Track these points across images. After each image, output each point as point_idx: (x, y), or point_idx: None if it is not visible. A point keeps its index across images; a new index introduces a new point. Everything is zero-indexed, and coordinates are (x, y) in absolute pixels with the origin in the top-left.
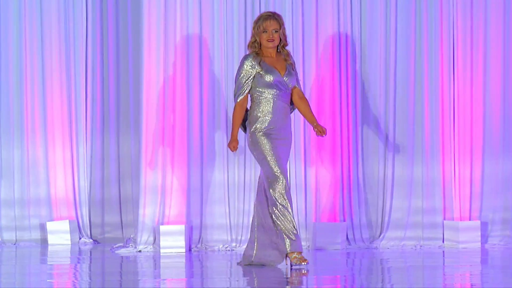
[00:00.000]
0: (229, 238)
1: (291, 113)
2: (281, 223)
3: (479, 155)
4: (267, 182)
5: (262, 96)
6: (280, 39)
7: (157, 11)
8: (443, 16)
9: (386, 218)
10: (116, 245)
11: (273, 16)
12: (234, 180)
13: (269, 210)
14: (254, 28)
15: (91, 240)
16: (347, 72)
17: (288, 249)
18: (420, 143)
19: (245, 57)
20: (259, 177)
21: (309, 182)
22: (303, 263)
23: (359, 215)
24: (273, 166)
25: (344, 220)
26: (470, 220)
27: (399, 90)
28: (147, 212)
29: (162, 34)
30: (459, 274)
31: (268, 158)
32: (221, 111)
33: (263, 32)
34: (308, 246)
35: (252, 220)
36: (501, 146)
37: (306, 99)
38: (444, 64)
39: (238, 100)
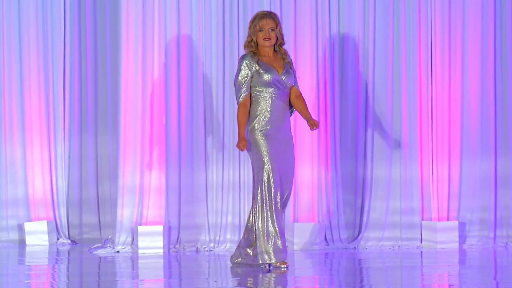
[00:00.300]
0: (208, 239)
1: (291, 115)
2: (263, 225)
3: (457, 155)
4: (259, 183)
5: (260, 95)
6: (277, 38)
7: (135, 12)
8: (421, 16)
9: (364, 219)
10: (94, 246)
11: (269, 15)
12: (212, 180)
13: (256, 211)
14: (250, 27)
15: (69, 241)
16: (325, 73)
17: (273, 258)
18: (398, 143)
19: (243, 57)
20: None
21: None
22: (282, 266)
23: (338, 216)
24: (267, 167)
25: (323, 221)
26: (448, 220)
27: (377, 90)
28: (125, 212)
29: (140, 34)
30: (437, 275)
31: (264, 160)
32: (199, 111)
33: (260, 31)
34: (287, 246)
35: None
36: (479, 147)
37: (303, 98)
38: (422, 64)
39: (240, 100)
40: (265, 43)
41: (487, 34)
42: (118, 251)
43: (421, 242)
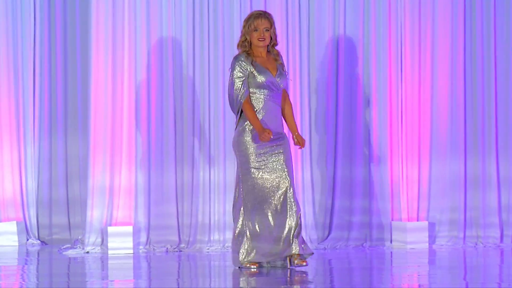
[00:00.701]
0: (177, 239)
1: None
2: (237, 226)
3: (426, 156)
4: (242, 185)
5: (253, 96)
6: (271, 38)
7: (105, 11)
8: (391, 16)
9: (334, 219)
10: (64, 246)
11: (264, 15)
12: (182, 181)
13: (233, 212)
14: (244, 26)
15: (38, 242)
16: (295, 73)
17: (243, 259)
18: (368, 143)
19: (236, 58)
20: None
21: None
22: (252, 266)
23: (307, 216)
24: (252, 172)
25: None
26: (417, 220)
27: (347, 90)
28: (95, 213)
29: (110, 34)
30: (407, 275)
31: (251, 166)
32: (170, 111)
33: (254, 30)
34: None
35: None
36: (449, 147)
37: (291, 103)
38: (392, 65)
39: (243, 100)
40: (259, 43)
41: (457, 34)
42: (88, 252)
43: (391, 242)
